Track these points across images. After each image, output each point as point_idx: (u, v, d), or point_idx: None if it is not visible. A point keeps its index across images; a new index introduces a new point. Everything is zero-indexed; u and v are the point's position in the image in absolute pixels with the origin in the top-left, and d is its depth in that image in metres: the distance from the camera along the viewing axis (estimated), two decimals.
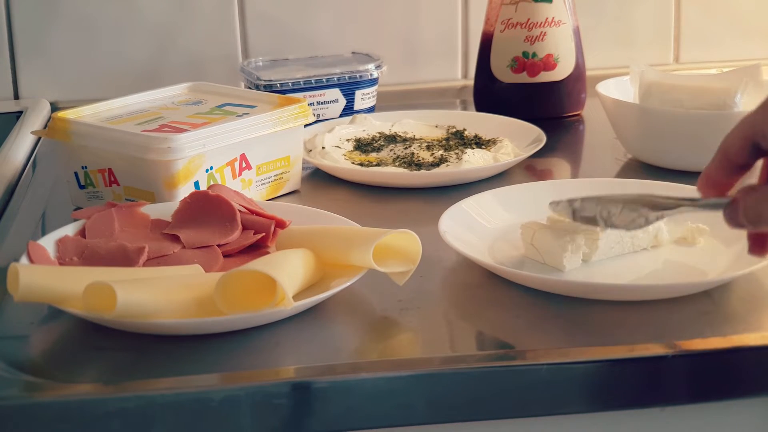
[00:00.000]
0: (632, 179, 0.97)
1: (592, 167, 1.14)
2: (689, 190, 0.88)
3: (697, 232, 0.84)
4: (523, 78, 1.22)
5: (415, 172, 1.02)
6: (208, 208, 0.85)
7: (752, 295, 0.77)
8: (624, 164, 1.08)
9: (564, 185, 0.95)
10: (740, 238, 0.80)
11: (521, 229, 0.83)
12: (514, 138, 1.11)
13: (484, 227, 0.87)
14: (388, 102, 1.31)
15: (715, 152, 0.98)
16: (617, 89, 1.10)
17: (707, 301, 0.75)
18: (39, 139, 1.21)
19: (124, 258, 0.80)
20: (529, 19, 1.21)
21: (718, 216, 0.77)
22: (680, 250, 0.84)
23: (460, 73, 1.45)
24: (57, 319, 0.75)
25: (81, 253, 0.81)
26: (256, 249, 0.84)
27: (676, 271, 0.81)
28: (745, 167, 0.69)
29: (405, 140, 1.12)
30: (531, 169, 1.07)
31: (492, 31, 1.23)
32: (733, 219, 0.68)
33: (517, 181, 1.02)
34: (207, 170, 0.92)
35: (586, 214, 0.80)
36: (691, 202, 0.73)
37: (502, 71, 1.23)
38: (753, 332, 0.72)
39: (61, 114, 0.96)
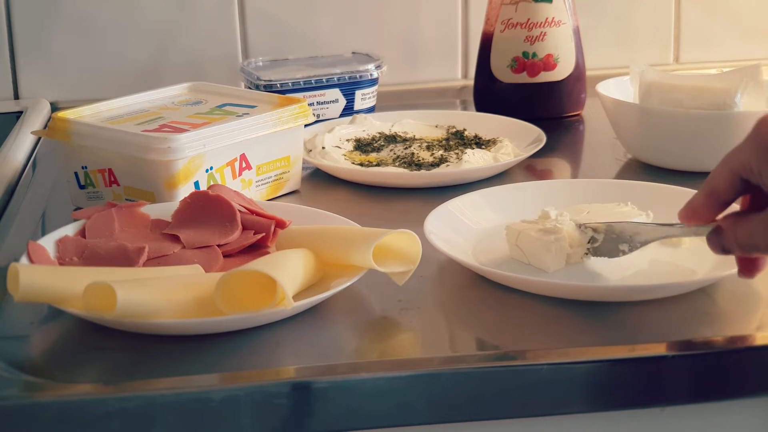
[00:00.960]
0: (626, 180, 0.97)
1: (592, 167, 1.14)
2: (686, 192, 0.88)
3: None
4: (523, 78, 1.22)
5: (415, 172, 1.02)
6: (208, 208, 0.85)
7: (751, 296, 0.76)
8: (624, 164, 1.08)
9: (560, 186, 0.95)
10: None
11: (506, 230, 0.82)
12: (514, 138, 1.11)
13: (470, 228, 0.87)
14: (388, 102, 1.31)
15: (715, 149, 0.98)
16: (617, 89, 1.10)
17: (707, 301, 0.75)
18: (39, 139, 1.21)
19: (124, 258, 0.80)
20: (529, 19, 1.21)
21: None
22: (666, 250, 0.83)
23: (460, 73, 1.45)
24: (57, 319, 0.75)
25: (81, 253, 0.81)
26: (256, 249, 0.84)
27: (662, 270, 0.81)
28: (730, 202, 0.69)
29: (405, 140, 1.12)
30: (531, 169, 1.07)
31: (492, 31, 1.23)
32: (718, 245, 0.69)
33: (517, 181, 1.02)
34: (207, 170, 0.92)
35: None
36: (674, 229, 0.74)
37: (502, 71, 1.23)
38: (753, 332, 0.72)
39: (61, 114, 0.96)
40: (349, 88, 1.22)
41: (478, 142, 1.10)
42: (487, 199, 0.91)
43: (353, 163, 1.06)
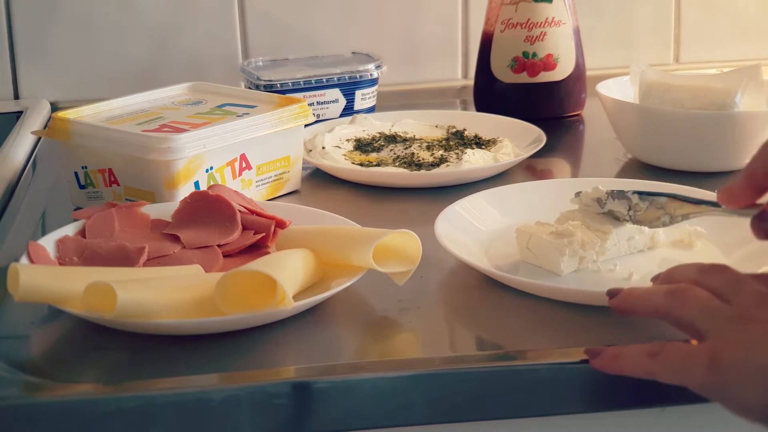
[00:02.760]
0: (629, 179, 0.97)
1: (592, 167, 1.14)
2: (693, 192, 0.88)
3: (694, 235, 0.84)
4: (523, 78, 1.22)
5: (415, 172, 1.02)
6: (208, 208, 0.85)
7: None
8: (624, 164, 1.08)
9: (567, 185, 0.95)
10: (738, 244, 0.80)
11: (516, 233, 0.82)
12: (514, 138, 1.11)
13: (480, 230, 0.87)
14: (388, 102, 1.31)
15: (715, 149, 0.97)
16: (617, 89, 1.10)
17: None
18: (39, 139, 1.21)
19: (124, 258, 0.80)
20: (529, 19, 1.21)
21: (715, 219, 0.78)
22: (677, 252, 0.83)
23: (460, 73, 1.45)
24: (57, 319, 0.75)
25: (81, 253, 0.81)
26: (256, 249, 0.84)
27: None
28: None
29: (405, 140, 1.12)
30: (531, 169, 1.07)
31: (492, 31, 1.23)
32: (761, 230, 0.68)
33: (517, 181, 1.02)
34: (207, 170, 0.92)
35: (613, 208, 0.80)
36: (718, 209, 0.73)
37: (502, 71, 1.23)
38: None
39: (61, 114, 0.96)
40: (349, 88, 1.22)
41: (478, 142, 1.10)
42: (491, 201, 0.90)
43: (353, 163, 1.06)
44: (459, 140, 1.11)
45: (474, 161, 1.03)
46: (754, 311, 0.62)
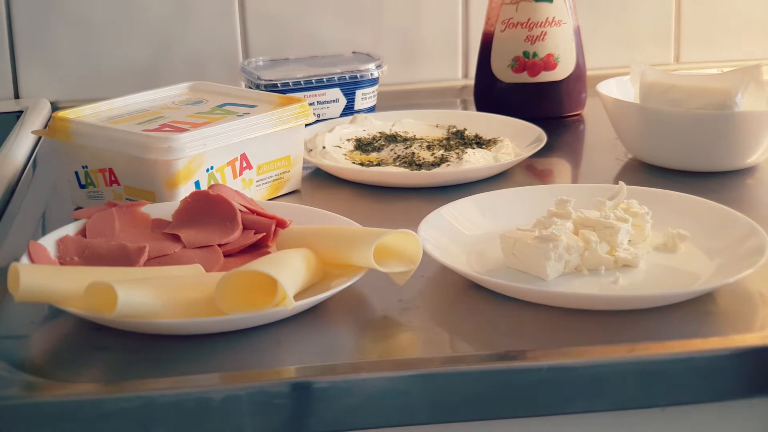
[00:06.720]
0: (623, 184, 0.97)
1: (592, 167, 1.14)
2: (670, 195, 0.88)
3: (678, 238, 0.83)
4: (524, 78, 1.22)
5: (415, 171, 1.02)
6: (208, 207, 0.85)
7: (751, 296, 0.76)
8: (624, 164, 1.08)
9: (551, 191, 0.94)
10: (722, 248, 0.80)
11: (500, 239, 0.81)
12: (514, 138, 1.11)
13: (464, 234, 0.86)
14: (389, 102, 1.31)
15: (715, 149, 0.97)
16: (618, 89, 1.10)
17: (708, 300, 0.75)
18: (39, 139, 1.21)
19: (125, 258, 0.80)
20: (529, 19, 1.21)
21: (700, 223, 0.77)
22: (661, 256, 0.83)
23: (461, 73, 1.45)
24: (57, 319, 0.75)
25: (81, 253, 0.81)
26: (257, 249, 0.84)
27: (662, 275, 0.79)
28: None
29: (405, 140, 1.12)
30: (531, 169, 1.07)
31: (492, 31, 1.23)
32: None
33: (517, 180, 1.02)
34: (207, 170, 0.92)
35: None
36: None
37: (503, 71, 1.23)
38: (753, 332, 0.72)
39: (61, 114, 0.96)
40: (350, 87, 1.22)
41: (479, 142, 1.10)
42: (479, 206, 0.90)
43: (354, 162, 1.06)
44: (459, 140, 1.11)
45: (474, 161, 1.03)
46: None
